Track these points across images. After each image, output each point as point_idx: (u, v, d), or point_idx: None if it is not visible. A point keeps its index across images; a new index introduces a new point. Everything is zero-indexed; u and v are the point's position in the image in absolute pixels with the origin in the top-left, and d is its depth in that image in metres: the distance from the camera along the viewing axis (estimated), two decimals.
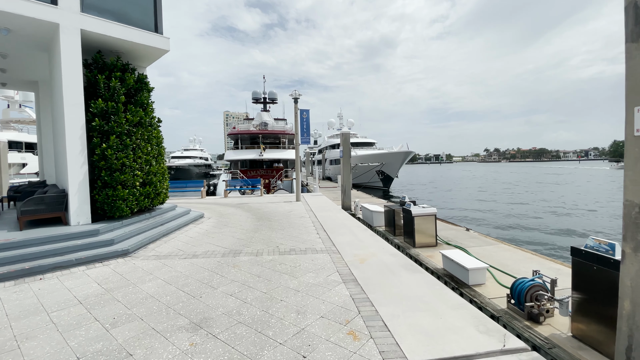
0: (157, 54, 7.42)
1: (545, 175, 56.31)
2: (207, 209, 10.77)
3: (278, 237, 6.68)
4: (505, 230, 14.79)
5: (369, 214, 11.47)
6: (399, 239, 9.30)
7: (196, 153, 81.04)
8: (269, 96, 33.99)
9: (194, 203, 12.82)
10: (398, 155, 31.11)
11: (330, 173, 43.37)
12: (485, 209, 21.57)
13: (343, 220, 8.80)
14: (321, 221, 8.48)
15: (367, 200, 17.68)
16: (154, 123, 7.45)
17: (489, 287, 5.42)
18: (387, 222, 10.35)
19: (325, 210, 10.46)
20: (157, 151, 7.41)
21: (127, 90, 6.75)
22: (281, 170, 27.88)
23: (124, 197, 6.22)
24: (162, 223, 7.18)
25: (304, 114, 13.01)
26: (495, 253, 7.83)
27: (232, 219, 8.89)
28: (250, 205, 11.79)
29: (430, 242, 8.59)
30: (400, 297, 3.68)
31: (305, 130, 13.07)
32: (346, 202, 15.02)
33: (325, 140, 49.80)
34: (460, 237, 9.38)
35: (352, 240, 6.37)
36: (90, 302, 3.71)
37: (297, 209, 10.71)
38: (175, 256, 5.41)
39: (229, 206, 11.66)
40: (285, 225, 7.95)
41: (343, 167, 15.40)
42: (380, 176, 33.43)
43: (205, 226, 7.85)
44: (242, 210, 10.62)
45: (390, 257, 5.26)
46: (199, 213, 9.00)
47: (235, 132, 29.53)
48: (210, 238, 6.64)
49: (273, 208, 11.05)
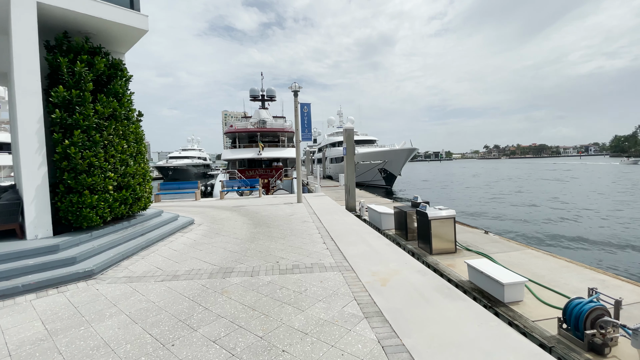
0: (134, 35, 6.36)
1: (552, 172, 55.27)
2: (199, 213, 9.74)
3: (278, 248, 5.64)
4: (523, 231, 13.76)
5: (376, 216, 10.47)
6: (412, 244, 8.32)
7: (194, 153, 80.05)
8: (267, 93, 32.85)
9: (186, 206, 11.78)
10: (401, 152, 30.05)
11: (331, 172, 42.39)
12: (497, 208, 20.55)
13: (351, 224, 7.77)
14: (327, 226, 7.46)
15: (371, 200, 16.66)
16: (133, 116, 6.40)
17: (528, 305, 4.53)
18: (397, 224, 9.38)
19: (330, 213, 9.43)
20: (136, 149, 6.36)
21: (97, 76, 5.69)
22: (281, 169, 26.84)
23: (93, 203, 5.17)
24: (143, 233, 6.14)
25: (305, 108, 11.97)
26: (523, 260, 6.84)
27: (226, 225, 7.85)
28: (247, 209, 10.75)
29: (448, 248, 7.61)
30: (448, 344, 2.65)
31: (306, 126, 12.03)
32: (350, 203, 14.01)
33: (325, 138, 48.75)
34: (479, 241, 8.39)
35: (366, 252, 5.34)
36: (21, 355, 2.68)
37: (298, 212, 9.68)
38: (151, 277, 4.37)
39: (224, 209, 10.62)
40: (286, 232, 6.92)
41: (347, 165, 14.39)
42: (383, 174, 32.40)
43: (194, 235, 6.81)
44: (238, 214, 9.58)
45: (417, 275, 4.23)
46: (189, 219, 7.96)
47: (233, 131, 28.39)
48: (197, 251, 5.60)
49: (272, 211, 10.02)
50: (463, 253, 7.48)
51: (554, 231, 13.62)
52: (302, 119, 11.91)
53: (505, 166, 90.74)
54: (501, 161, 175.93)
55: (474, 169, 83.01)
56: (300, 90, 11.80)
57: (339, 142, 42.32)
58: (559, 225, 14.86)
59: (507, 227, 14.96)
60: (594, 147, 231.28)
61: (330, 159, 42.96)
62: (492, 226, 15.12)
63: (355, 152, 37.84)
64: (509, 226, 15.13)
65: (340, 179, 28.60)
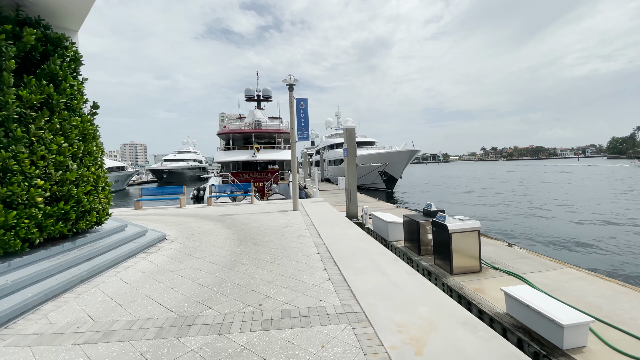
0: (79, 3, 4.98)
1: (558, 174, 54.23)
2: (177, 225, 8.32)
3: (264, 279, 4.25)
4: (550, 241, 12.41)
5: (382, 225, 9.13)
6: (426, 260, 7.01)
7: (190, 155, 78.49)
8: (263, 93, 31.47)
9: (167, 215, 10.35)
10: (403, 154, 28.77)
11: (329, 174, 41.10)
12: (509, 214, 19.24)
13: (356, 240, 6.39)
14: (327, 243, 6.07)
15: (373, 205, 15.32)
16: (79, 107, 5.01)
17: (593, 352, 3.37)
18: (407, 236, 8.07)
19: (330, 224, 8.05)
20: (83, 149, 4.96)
21: (26, 53, 4.32)
22: (277, 172, 25.46)
23: (9, 222, 3.77)
24: (90, 257, 4.73)
25: (301, 104, 10.61)
26: (566, 284, 5.52)
27: (204, 241, 6.44)
28: (235, 218, 9.34)
29: (472, 266, 6.29)
30: None
31: (303, 124, 10.67)
32: (352, 210, 12.66)
33: (323, 140, 47.48)
34: (504, 256, 7.09)
35: (381, 285, 3.96)
36: None
37: (294, 223, 8.30)
38: (71, 336, 2.96)
39: (207, 220, 9.20)
40: (277, 252, 5.53)
41: (348, 168, 13.05)
42: (383, 177, 31.09)
43: (160, 257, 5.39)
44: (223, 226, 8.17)
45: (464, 333, 2.85)
46: (160, 234, 6.54)
47: (226, 132, 26.90)
48: (156, 284, 4.19)
49: (264, 222, 8.63)
50: (489, 272, 6.19)
51: (583, 241, 12.28)
52: (298, 116, 10.56)
53: (504, 168, 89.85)
54: (499, 163, 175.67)
55: (474, 171, 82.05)
56: (295, 85, 10.45)
57: (337, 144, 41.07)
58: (588, 234, 13.54)
59: (526, 235, 13.64)
60: (590, 149, 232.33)
61: (329, 161, 41.69)
62: (510, 234, 13.81)
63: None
64: (528, 234, 13.81)
65: (340, 182, 27.27)
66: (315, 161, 50.44)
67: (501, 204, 22.59)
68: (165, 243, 6.27)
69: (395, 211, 13.42)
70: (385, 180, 31.28)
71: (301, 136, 10.70)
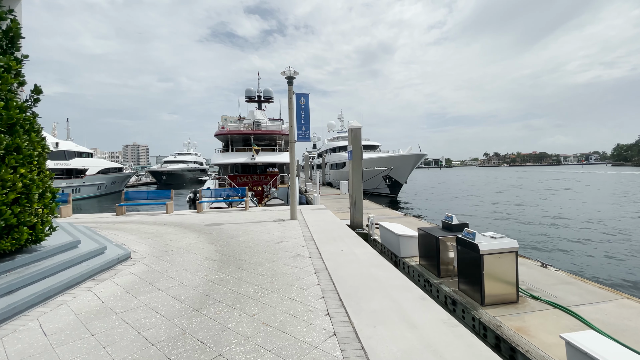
0: None
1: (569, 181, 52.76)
2: (153, 237, 7.06)
3: (242, 332, 2.94)
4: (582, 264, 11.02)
5: (392, 238, 7.86)
6: (447, 284, 5.75)
7: (190, 157, 77.43)
8: (264, 94, 30.32)
9: (146, 224, 9.09)
10: (408, 158, 27.47)
11: (331, 178, 39.86)
12: (526, 225, 17.89)
13: (367, 264, 5.10)
14: (330, 268, 4.78)
15: (378, 212, 14.02)
16: (3, 88, 3.79)
17: None
18: (423, 252, 6.85)
19: (333, 239, 6.77)
20: (10, 144, 3.73)
21: None
22: (276, 175, 24.22)
23: None
24: (10, 289, 3.48)
25: (302, 100, 9.39)
26: (630, 321, 4.42)
27: (177, 262, 5.16)
28: (223, 229, 8.07)
29: (508, 295, 5.07)
30: None
31: (303, 122, 9.43)
32: (357, 218, 11.37)
33: (325, 143, 46.29)
34: (540, 280, 5.85)
35: (413, 351, 2.67)
36: None
37: (290, 236, 7.02)
38: None
39: (190, 231, 7.93)
40: (265, 282, 4.24)
41: (353, 172, 11.79)
42: (388, 182, 29.77)
43: (112, 287, 4.11)
44: (206, 239, 6.89)
45: None
46: (122, 253, 5.26)
47: (224, 133, 25.63)
48: (87, 338, 2.92)
49: (255, 234, 7.35)
50: (529, 304, 4.97)
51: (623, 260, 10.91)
52: (298, 113, 9.33)
53: (509, 174, 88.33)
54: (502, 169, 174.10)
55: (478, 176, 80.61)
56: (296, 78, 9.23)
57: (340, 147, 39.88)
58: (625, 252, 12.17)
59: (554, 251, 12.26)
60: (594, 156, 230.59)
61: (331, 164, 40.47)
62: (539, 250, 12.45)
63: None
64: (555, 249, 12.44)
65: (342, 186, 26.00)
66: (316, 164, 49.25)
67: (517, 213, 21.22)
68: (127, 265, 4.98)
69: (404, 220, 12.13)
70: (390, 185, 29.96)
71: (301, 136, 9.46)
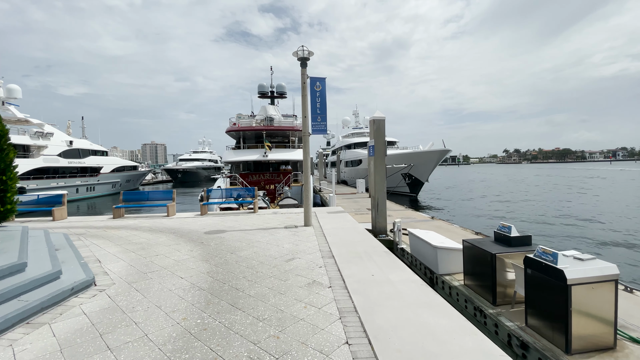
0: None
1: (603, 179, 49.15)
2: (139, 250, 5.81)
3: None
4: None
5: (427, 250, 6.38)
6: (510, 317, 4.19)
7: (205, 155, 77.60)
8: (277, 90, 29.00)
9: (139, 230, 7.92)
10: (431, 155, 25.53)
11: (346, 176, 38.34)
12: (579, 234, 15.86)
13: (414, 303, 3.57)
14: (362, 310, 3.32)
15: (400, 214, 12.44)
16: None
17: None
18: (470, 269, 5.33)
19: (358, 256, 5.31)
20: None
21: None
22: (290, 173, 22.92)
23: None
24: None
25: (317, 85, 7.94)
26: None
27: (152, 292, 3.85)
28: (225, 238, 6.77)
29: (601, 338, 3.57)
30: None
31: (319, 111, 7.97)
32: (380, 223, 9.87)
33: (340, 140, 44.74)
34: (631, 311, 4.27)
35: None
36: None
37: (304, 251, 5.63)
38: None
39: (186, 241, 6.65)
40: (267, 335, 2.83)
41: (375, 170, 10.30)
42: (407, 180, 27.95)
43: (41, 344, 2.81)
44: (201, 255, 5.57)
45: None
46: (83, 279, 3.97)
47: (235, 129, 24.46)
48: None
49: (261, 246, 5.99)
50: (631, 350, 3.45)
51: None
52: (313, 101, 7.90)
53: (533, 172, 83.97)
54: (523, 166, 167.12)
55: (499, 174, 76.95)
56: (310, 59, 7.79)
57: (355, 143, 38.27)
58: None
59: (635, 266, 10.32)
60: (622, 152, 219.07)
61: (346, 162, 38.94)
62: None
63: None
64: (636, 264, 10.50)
65: (359, 185, 24.45)
66: (331, 162, 47.76)
67: (566, 216, 19.08)
68: (84, 298, 3.69)
69: (432, 225, 10.54)
70: (410, 184, 28.12)
71: (317, 128, 8.03)
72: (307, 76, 7.80)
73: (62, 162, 32.27)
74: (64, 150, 32.87)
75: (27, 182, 28.17)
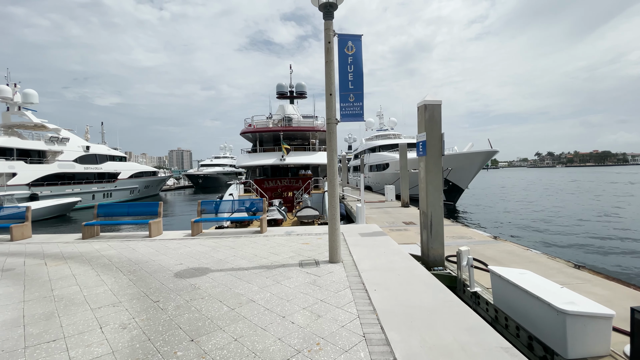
0: None
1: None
2: (41, 320, 3.27)
3: None
4: None
5: (540, 312, 3.16)
6: None
7: (226, 161, 77.02)
8: (297, 89, 26.44)
9: (90, 266, 5.43)
10: (475, 157, 21.93)
11: (370, 181, 35.25)
12: None
13: None
14: None
15: (449, 231, 9.25)
16: None
17: None
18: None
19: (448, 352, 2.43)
20: None
21: None
22: (309, 179, 20.21)
23: None
24: None
25: (349, 48, 5.17)
26: None
27: None
28: (199, 291, 4.07)
29: None
30: None
31: (352, 87, 5.18)
32: (435, 250, 6.86)
33: (363, 143, 41.63)
34: None
35: None
36: None
37: (332, 334, 2.78)
38: None
39: (136, 293, 4.01)
40: None
41: (427, 175, 7.36)
42: (444, 186, 24.40)
43: None
44: (136, 337, 2.91)
45: None
46: None
47: (251, 130, 22.08)
48: None
49: (254, 319, 3.20)
50: None
51: None
52: (343, 71, 5.15)
53: (572, 176, 76.39)
54: (557, 170, 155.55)
55: (538, 180, 70.49)
56: (339, 6, 5.06)
57: (380, 146, 35.10)
58: None
59: None
60: None
61: (370, 166, 35.84)
62: None
63: (394, 157, 29.60)
64: None
65: (388, 192, 21.35)
66: (353, 167, 44.75)
67: None
68: None
69: (499, 248, 7.36)
70: (447, 191, 24.59)
71: (348, 111, 5.22)
72: (333, 32, 5.05)
73: (77, 168, 31.44)
74: (80, 156, 32.08)
75: (40, 189, 27.28)
